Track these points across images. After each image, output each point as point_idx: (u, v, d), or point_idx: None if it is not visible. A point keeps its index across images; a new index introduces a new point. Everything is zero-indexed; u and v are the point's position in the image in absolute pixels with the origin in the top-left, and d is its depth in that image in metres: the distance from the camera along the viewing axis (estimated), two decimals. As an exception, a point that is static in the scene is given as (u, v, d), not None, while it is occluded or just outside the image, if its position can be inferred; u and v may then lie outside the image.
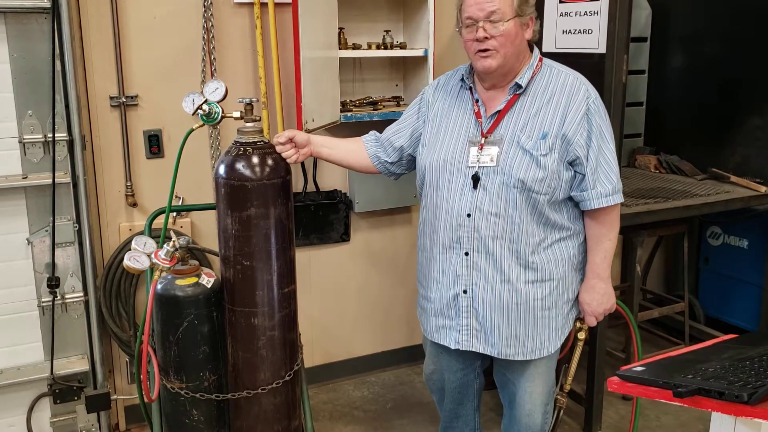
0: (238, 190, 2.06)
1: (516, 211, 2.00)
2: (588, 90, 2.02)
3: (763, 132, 3.39)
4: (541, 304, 2.07)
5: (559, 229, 2.06)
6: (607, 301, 2.10)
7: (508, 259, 2.03)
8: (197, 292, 2.16)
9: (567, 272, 2.09)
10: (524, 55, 2.04)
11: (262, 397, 2.22)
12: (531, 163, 1.97)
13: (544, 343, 2.10)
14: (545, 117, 2.00)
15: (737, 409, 1.33)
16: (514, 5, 1.94)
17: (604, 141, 2.01)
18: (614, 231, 2.07)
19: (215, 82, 2.14)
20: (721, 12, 3.55)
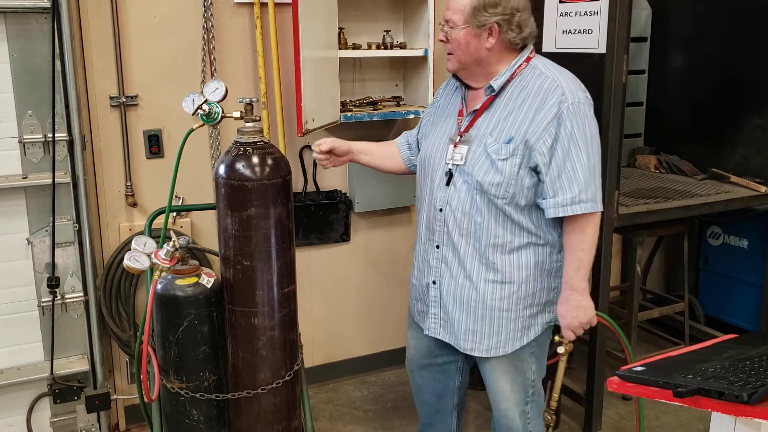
0: (238, 190, 2.06)
1: (478, 211, 2.02)
2: (564, 94, 1.93)
3: (763, 132, 3.39)
4: (498, 305, 2.07)
5: (528, 234, 2.03)
6: (583, 315, 2.01)
7: (471, 256, 2.06)
8: (197, 292, 2.16)
9: (532, 277, 2.06)
10: (496, 60, 2.01)
11: (262, 397, 2.22)
12: (490, 167, 1.97)
13: (500, 343, 2.10)
14: (515, 120, 1.97)
15: (737, 409, 1.33)
16: (466, 15, 1.96)
17: (575, 149, 1.92)
18: (588, 241, 1.98)
19: (215, 82, 2.14)
20: (721, 12, 3.55)
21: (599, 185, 1.99)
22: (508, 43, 1.99)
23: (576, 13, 2.83)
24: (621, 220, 2.86)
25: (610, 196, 2.77)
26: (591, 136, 1.95)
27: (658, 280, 4.31)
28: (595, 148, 1.97)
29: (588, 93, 2.02)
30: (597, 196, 1.98)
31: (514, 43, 1.99)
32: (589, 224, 1.98)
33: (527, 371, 2.17)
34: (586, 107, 1.96)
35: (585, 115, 1.94)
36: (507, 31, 1.96)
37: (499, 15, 1.94)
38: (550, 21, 2.98)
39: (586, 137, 1.94)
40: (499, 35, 1.97)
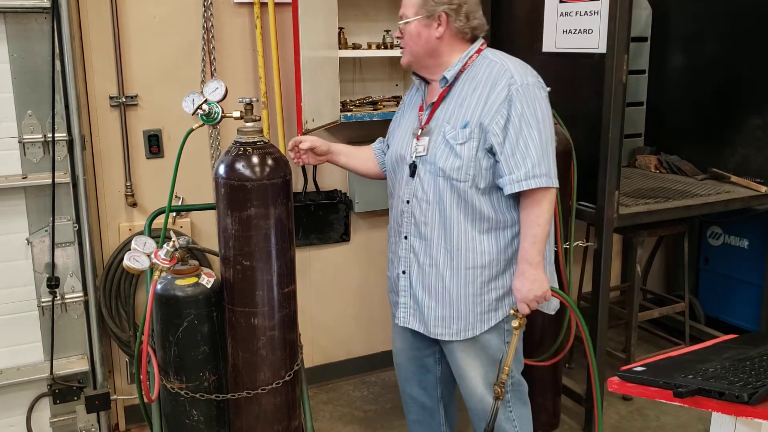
0: (238, 190, 2.06)
1: (441, 200, 2.11)
2: (513, 77, 2.03)
3: (763, 132, 3.39)
4: (464, 290, 2.14)
5: (489, 219, 2.11)
6: (538, 288, 2.06)
7: (436, 244, 2.15)
8: (197, 292, 2.16)
9: (495, 261, 2.13)
10: (448, 50, 2.12)
11: (262, 397, 2.22)
12: (450, 153, 2.07)
13: (468, 326, 2.17)
14: (469, 106, 2.07)
15: (737, 409, 1.33)
16: (416, 6, 2.08)
17: (527, 127, 2.00)
18: (543, 217, 2.05)
19: (215, 81, 2.14)
20: (721, 12, 3.55)
21: (552, 162, 2.05)
22: (457, 32, 2.10)
23: (576, 13, 2.83)
24: (621, 220, 2.86)
25: (610, 196, 2.77)
26: (542, 115, 2.03)
27: (659, 280, 4.31)
28: (547, 127, 2.04)
29: (540, 78, 2.10)
30: (551, 171, 2.04)
31: (463, 32, 2.10)
32: (545, 199, 2.04)
33: (500, 353, 2.21)
34: (536, 89, 2.04)
35: (534, 96, 2.03)
36: (455, 20, 2.07)
37: (445, 4, 2.06)
38: (550, 21, 2.98)
39: (536, 116, 2.02)
40: (448, 24, 2.07)
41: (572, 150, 2.84)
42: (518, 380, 2.33)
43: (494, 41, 3.42)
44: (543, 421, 3.04)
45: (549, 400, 3.03)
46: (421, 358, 2.43)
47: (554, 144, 2.08)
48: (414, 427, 2.58)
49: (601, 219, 2.82)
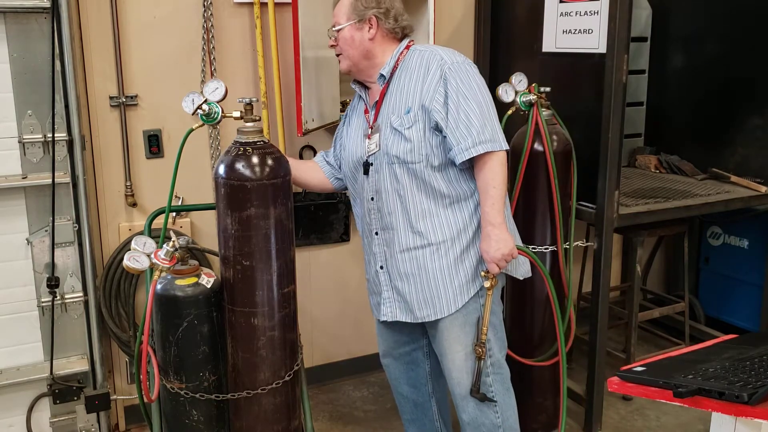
0: (237, 190, 2.06)
1: (401, 185, 2.21)
2: (443, 58, 2.17)
3: (763, 132, 3.39)
4: (439, 266, 2.23)
5: (448, 194, 2.21)
6: (504, 246, 2.15)
7: (404, 230, 2.24)
8: (197, 292, 2.16)
9: (463, 233, 2.23)
10: (381, 51, 2.26)
11: (262, 397, 2.22)
12: (400, 139, 2.18)
13: (449, 300, 2.24)
14: (408, 94, 2.20)
15: (737, 409, 1.33)
16: (348, 12, 2.24)
17: (464, 99, 2.13)
18: (497, 179, 2.15)
19: (215, 81, 2.14)
20: (721, 12, 3.55)
21: (496, 127, 2.17)
22: (388, 33, 2.25)
23: (576, 12, 2.83)
24: (621, 220, 2.86)
25: (610, 196, 2.77)
26: (477, 86, 2.17)
27: (659, 280, 4.31)
28: (484, 95, 2.17)
29: (470, 60, 2.24)
30: (496, 135, 2.15)
31: (394, 32, 2.25)
32: (495, 162, 2.15)
33: (479, 322, 2.28)
34: (467, 65, 2.19)
35: (466, 71, 2.17)
36: (385, 23, 2.23)
37: (374, 8, 2.21)
38: (550, 21, 2.98)
39: (472, 87, 2.15)
40: (378, 26, 2.23)
41: (572, 150, 2.84)
42: (498, 362, 2.36)
43: (494, 41, 3.43)
44: (543, 421, 3.04)
45: (549, 400, 3.03)
46: (410, 353, 2.50)
47: (494, 111, 2.19)
48: (409, 427, 2.60)
49: (601, 219, 2.82)
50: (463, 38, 3.48)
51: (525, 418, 3.06)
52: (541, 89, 2.78)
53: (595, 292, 2.91)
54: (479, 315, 2.28)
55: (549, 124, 2.78)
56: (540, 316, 2.93)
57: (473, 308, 2.28)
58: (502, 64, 3.36)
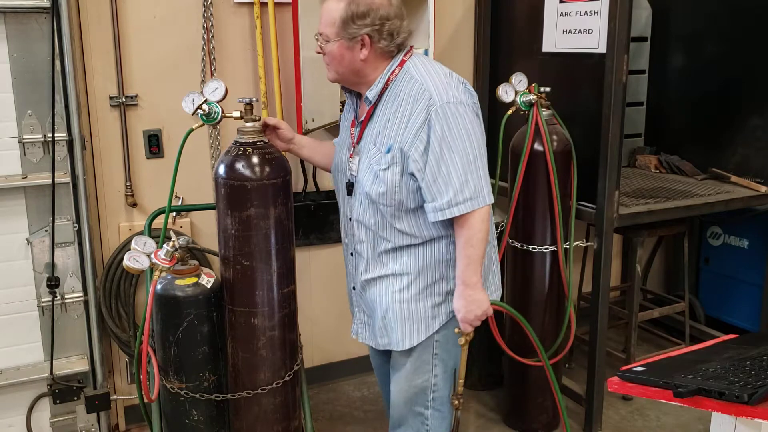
0: (238, 190, 2.06)
1: (371, 219, 2.07)
2: (432, 98, 1.91)
3: (763, 132, 3.38)
4: (399, 297, 2.10)
5: (419, 235, 2.05)
6: (477, 308, 2.02)
7: (372, 258, 2.12)
8: (197, 292, 2.16)
9: (429, 269, 2.08)
10: (372, 69, 2.01)
11: (262, 397, 2.22)
12: (374, 179, 2.00)
13: (406, 335, 2.12)
14: (392, 129, 1.98)
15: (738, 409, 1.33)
16: (336, 28, 1.95)
17: (447, 150, 1.91)
18: (475, 237, 1.97)
19: (215, 81, 2.14)
20: (721, 12, 3.55)
21: (480, 180, 1.95)
22: (382, 52, 1.99)
23: (576, 12, 2.83)
24: (621, 220, 2.86)
25: (610, 196, 2.77)
26: (466, 134, 1.93)
27: (659, 280, 4.31)
28: (473, 145, 1.94)
29: (465, 88, 1.99)
30: (478, 192, 1.94)
31: (389, 51, 2.00)
32: (475, 220, 1.96)
33: (427, 373, 2.15)
34: (457, 106, 1.93)
35: (455, 114, 1.92)
36: (379, 41, 1.96)
37: (368, 26, 1.93)
38: (550, 21, 2.98)
39: (459, 135, 1.92)
40: (372, 46, 1.96)
41: (572, 150, 2.84)
42: (441, 398, 2.19)
43: (494, 41, 3.43)
44: (543, 421, 3.04)
45: (549, 400, 3.03)
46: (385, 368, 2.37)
47: (483, 159, 1.97)
48: None
49: (601, 219, 2.82)
50: (463, 38, 3.48)
51: (525, 418, 3.07)
52: (541, 89, 2.78)
53: (595, 292, 2.91)
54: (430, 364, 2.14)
55: (549, 124, 2.78)
56: (540, 316, 2.93)
57: (428, 352, 2.13)
58: (502, 64, 3.36)
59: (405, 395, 2.18)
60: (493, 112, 3.45)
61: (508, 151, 2.91)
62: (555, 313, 2.95)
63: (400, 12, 2.00)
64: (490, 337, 3.06)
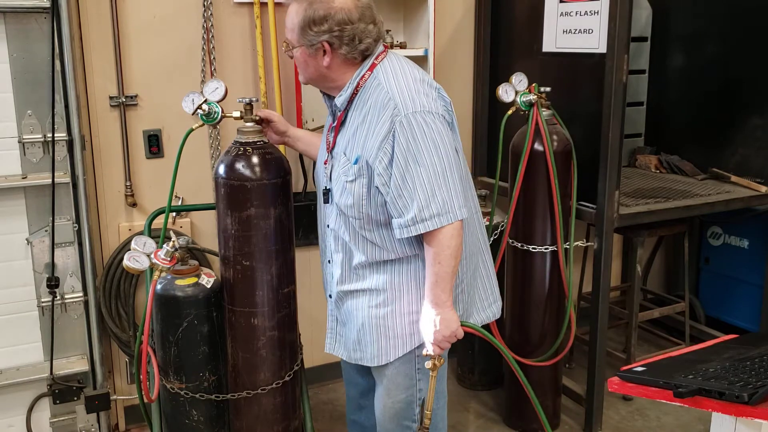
0: (238, 190, 2.06)
1: (345, 231, 1.99)
2: (397, 107, 1.80)
3: (763, 132, 3.38)
4: (375, 312, 2.02)
5: (391, 250, 1.96)
6: (445, 329, 1.88)
7: (347, 270, 2.04)
8: (197, 292, 2.16)
9: (405, 287, 1.99)
10: (341, 74, 1.92)
11: (262, 397, 2.22)
12: (343, 189, 1.92)
13: (381, 351, 2.03)
14: (359, 138, 1.88)
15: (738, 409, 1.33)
16: (297, 35, 1.88)
17: (414, 164, 1.79)
18: (443, 254, 1.84)
19: (215, 81, 2.14)
20: (721, 12, 3.55)
21: (450, 195, 1.82)
22: (345, 59, 1.88)
23: (576, 12, 2.83)
24: (621, 220, 2.86)
25: (610, 196, 2.77)
26: (433, 146, 1.80)
27: (659, 280, 4.30)
28: (440, 157, 1.81)
29: (438, 95, 1.90)
30: (447, 207, 1.81)
31: (352, 57, 1.88)
32: (443, 237, 1.83)
33: (411, 388, 2.07)
34: (424, 116, 1.81)
35: (420, 124, 1.80)
36: (340, 47, 1.86)
37: (326, 33, 1.84)
38: (550, 21, 2.98)
39: (425, 148, 1.80)
40: (333, 53, 1.87)
41: (572, 150, 2.84)
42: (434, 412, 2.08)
43: (494, 41, 3.43)
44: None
45: (549, 400, 3.04)
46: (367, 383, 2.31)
47: (453, 171, 1.84)
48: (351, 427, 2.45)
49: (601, 219, 2.82)
50: (463, 38, 3.48)
51: (525, 418, 3.07)
52: (541, 89, 2.78)
53: (595, 292, 2.91)
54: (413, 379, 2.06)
55: (549, 124, 2.78)
56: (540, 316, 2.93)
57: (409, 367, 2.05)
58: (502, 64, 3.36)
59: (390, 412, 2.12)
60: (493, 112, 3.45)
61: (508, 151, 2.90)
62: (555, 313, 2.94)
63: (367, 14, 1.89)
64: (490, 337, 3.07)
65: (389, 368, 2.06)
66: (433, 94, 1.88)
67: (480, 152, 3.56)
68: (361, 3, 1.88)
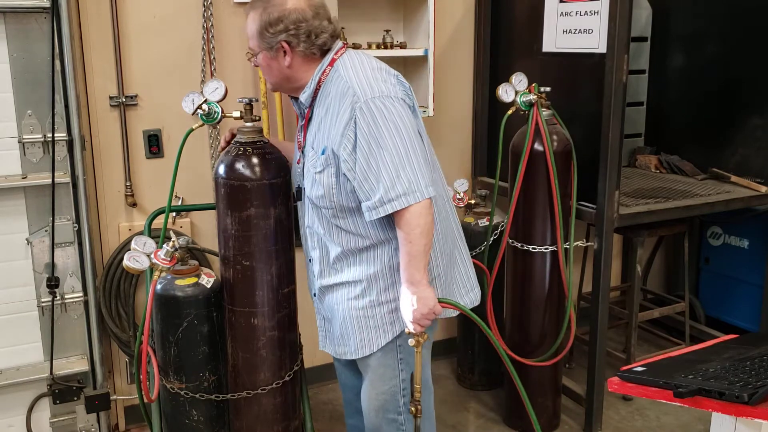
0: (237, 190, 2.06)
1: (319, 224, 2.05)
2: (356, 94, 1.87)
3: (763, 132, 3.38)
4: (354, 304, 2.06)
5: (366, 237, 2.00)
6: (423, 306, 1.92)
7: (326, 265, 2.10)
8: (197, 292, 2.16)
9: (380, 275, 2.03)
10: (303, 73, 1.99)
11: (262, 397, 2.22)
12: (313, 182, 1.98)
13: (365, 342, 2.08)
14: (324, 130, 1.95)
15: (738, 409, 1.33)
16: (256, 40, 1.97)
17: (376, 147, 1.84)
18: (414, 233, 1.88)
19: (215, 81, 2.14)
20: (721, 12, 3.55)
21: (415, 174, 1.86)
22: (305, 55, 1.96)
23: (576, 12, 2.83)
24: (621, 220, 2.86)
25: (610, 196, 2.77)
26: (395, 128, 1.85)
27: (659, 280, 4.30)
28: (402, 138, 1.86)
29: (397, 80, 1.95)
30: (413, 187, 1.85)
31: (311, 53, 1.96)
32: (411, 216, 1.87)
33: (394, 379, 2.11)
34: (383, 100, 1.86)
35: (380, 108, 1.85)
36: (298, 45, 1.94)
37: (283, 32, 1.92)
38: (550, 21, 2.98)
39: (388, 130, 1.85)
40: (292, 51, 1.95)
41: (572, 150, 2.84)
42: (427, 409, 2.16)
43: (494, 41, 3.43)
44: (543, 421, 3.04)
45: (549, 400, 3.04)
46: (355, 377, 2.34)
47: (418, 152, 1.88)
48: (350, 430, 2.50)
49: (601, 219, 2.82)
50: (463, 38, 3.48)
51: (525, 418, 3.06)
52: (541, 89, 2.78)
53: (595, 292, 2.91)
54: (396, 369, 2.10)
55: (549, 124, 2.78)
56: (540, 316, 2.93)
57: (391, 357, 2.09)
58: (502, 64, 3.36)
59: (375, 404, 2.14)
60: (493, 112, 3.46)
61: (508, 151, 2.91)
62: (555, 313, 2.94)
63: (321, 12, 1.96)
64: (490, 337, 3.07)
65: (372, 359, 2.10)
66: (392, 80, 1.94)
67: (480, 152, 3.56)
68: (314, 2, 1.97)
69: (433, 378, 3.36)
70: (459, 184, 3.20)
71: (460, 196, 3.21)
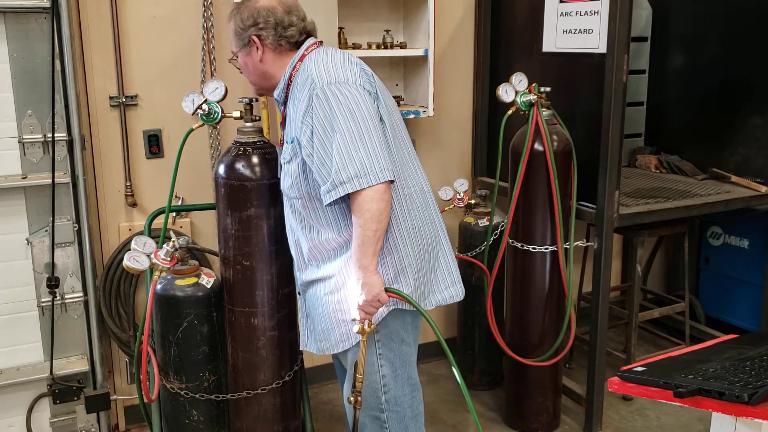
0: (237, 190, 2.06)
1: (296, 221, 2.07)
2: (314, 82, 1.91)
3: (763, 132, 3.39)
4: (330, 299, 2.06)
5: (336, 229, 2.01)
6: (368, 292, 1.92)
7: (302, 262, 2.12)
8: (197, 292, 2.16)
9: (347, 274, 2.02)
10: (278, 68, 2.06)
11: (262, 397, 2.22)
12: (284, 173, 2.03)
13: (343, 336, 2.07)
14: (291, 121, 2.01)
15: (738, 409, 1.33)
16: (234, 41, 2.07)
17: (330, 131, 1.86)
18: (364, 217, 1.86)
19: (215, 81, 2.14)
20: (721, 12, 3.55)
21: (370, 158, 1.84)
22: (275, 48, 2.03)
23: (576, 12, 2.83)
24: (621, 220, 2.86)
25: (610, 196, 2.77)
26: (348, 112, 1.86)
27: (659, 280, 4.31)
28: (357, 122, 1.86)
29: (360, 69, 1.97)
30: (364, 170, 1.84)
31: (280, 46, 2.03)
32: (362, 199, 1.86)
33: (373, 374, 2.10)
34: (339, 86, 1.89)
35: (335, 93, 1.88)
36: (267, 38, 2.02)
37: (252, 27, 2.01)
38: (550, 21, 2.98)
39: (340, 115, 1.86)
40: (263, 45, 2.02)
41: (572, 150, 2.84)
42: (395, 398, 2.13)
43: (494, 41, 3.43)
44: (543, 421, 3.04)
45: (549, 400, 3.03)
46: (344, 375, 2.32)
47: (372, 136, 1.86)
48: None
49: (601, 219, 2.82)
50: (463, 38, 3.48)
51: (525, 418, 3.07)
52: (541, 89, 2.78)
53: (595, 292, 2.91)
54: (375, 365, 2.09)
55: (549, 124, 2.78)
56: (540, 316, 2.93)
57: (369, 352, 2.08)
58: (502, 64, 3.36)
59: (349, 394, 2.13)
60: (493, 112, 3.46)
61: (508, 151, 2.91)
62: (555, 313, 2.94)
63: (292, 10, 2.04)
64: (490, 337, 3.07)
65: (350, 354, 2.10)
66: (353, 69, 1.96)
67: (480, 152, 3.56)
68: (287, 2, 2.06)
69: (433, 378, 3.38)
70: (459, 184, 3.20)
71: (460, 196, 3.21)
